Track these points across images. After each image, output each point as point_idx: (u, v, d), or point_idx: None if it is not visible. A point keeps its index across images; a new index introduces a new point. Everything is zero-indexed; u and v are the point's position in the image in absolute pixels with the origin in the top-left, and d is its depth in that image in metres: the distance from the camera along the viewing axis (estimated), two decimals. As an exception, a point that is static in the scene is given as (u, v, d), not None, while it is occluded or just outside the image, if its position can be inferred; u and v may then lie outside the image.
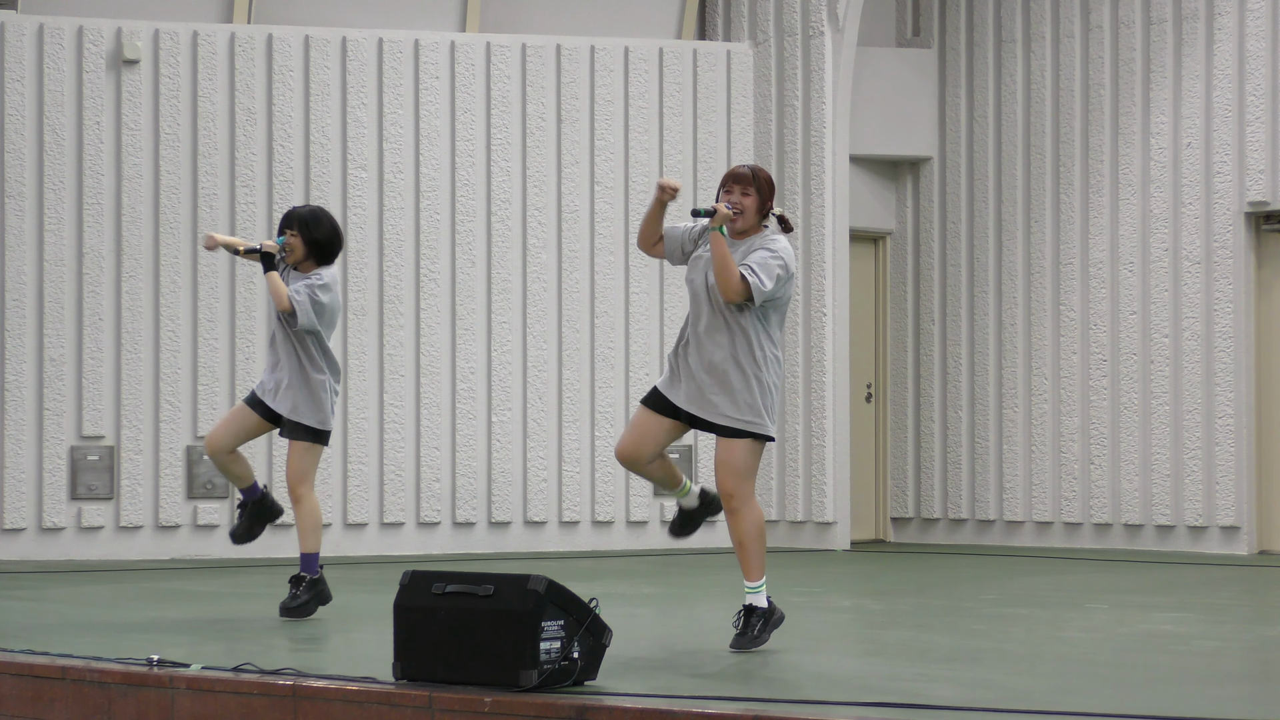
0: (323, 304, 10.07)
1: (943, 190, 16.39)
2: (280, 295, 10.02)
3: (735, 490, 8.58)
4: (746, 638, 8.53)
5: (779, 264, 8.51)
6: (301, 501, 10.06)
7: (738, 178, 8.66)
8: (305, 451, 10.09)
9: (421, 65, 15.18)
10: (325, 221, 10.25)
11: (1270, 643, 9.36)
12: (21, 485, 14.41)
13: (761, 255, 8.52)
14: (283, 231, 10.20)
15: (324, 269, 10.18)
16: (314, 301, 10.06)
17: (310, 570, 10.07)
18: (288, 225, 10.21)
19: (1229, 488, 14.88)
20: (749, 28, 15.92)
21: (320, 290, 10.08)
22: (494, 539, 15.19)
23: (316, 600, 10.07)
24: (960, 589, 12.37)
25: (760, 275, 8.46)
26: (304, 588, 10.04)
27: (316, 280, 10.11)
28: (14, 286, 14.44)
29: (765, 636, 8.54)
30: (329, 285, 10.12)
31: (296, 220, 10.21)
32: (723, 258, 8.48)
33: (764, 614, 8.56)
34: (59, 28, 14.56)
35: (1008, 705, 6.99)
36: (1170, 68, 15.25)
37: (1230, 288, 14.92)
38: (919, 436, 16.41)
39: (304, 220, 10.21)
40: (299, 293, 10.05)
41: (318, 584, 10.08)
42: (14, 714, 8.07)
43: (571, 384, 15.36)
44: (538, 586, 7.16)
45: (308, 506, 10.06)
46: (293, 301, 10.02)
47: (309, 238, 10.17)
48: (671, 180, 8.64)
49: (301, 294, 10.05)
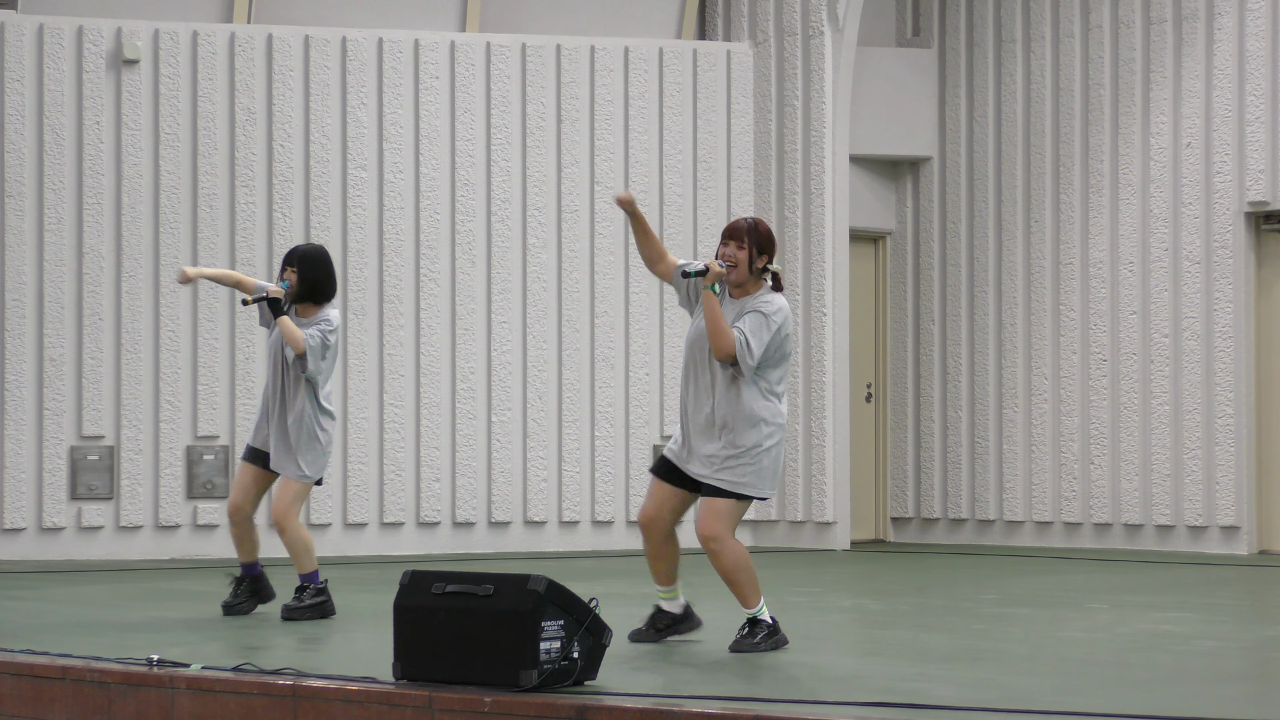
0: (330, 346, 10.08)
1: (943, 190, 16.39)
2: (296, 340, 9.98)
3: (711, 531, 8.62)
4: (748, 642, 8.57)
5: (770, 330, 8.53)
6: (285, 531, 10.08)
7: (733, 232, 8.69)
8: (296, 487, 10.11)
9: (421, 65, 15.18)
10: (322, 262, 10.22)
11: (1270, 643, 9.36)
12: (21, 485, 14.41)
13: (754, 320, 8.54)
14: (284, 271, 10.19)
15: (332, 312, 10.16)
16: (325, 347, 10.06)
17: (313, 583, 10.13)
18: (288, 264, 10.20)
19: (1229, 487, 14.87)
20: (749, 28, 15.92)
21: (330, 334, 10.09)
22: (494, 539, 15.19)
23: (319, 610, 10.07)
24: (960, 589, 12.37)
25: (750, 348, 8.48)
26: (308, 593, 10.08)
27: (327, 326, 10.10)
28: (14, 286, 14.44)
29: (765, 646, 8.59)
30: (337, 330, 10.13)
31: (296, 258, 10.20)
32: (714, 318, 8.52)
33: (769, 628, 8.61)
34: (59, 28, 14.56)
35: (1008, 705, 6.99)
36: (1170, 68, 15.25)
37: (1230, 287, 14.92)
38: (919, 436, 16.41)
39: (303, 257, 10.19)
40: (312, 338, 10.03)
41: (322, 592, 10.10)
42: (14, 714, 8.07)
43: (571, 384, 15.36)
44: (538, 586, 7.16)
45: (293, 534, 10.08)
46: (307, 345, 9.99)
47: (304, 275, 10.14)
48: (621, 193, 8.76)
49: (315, 339, 10.03)
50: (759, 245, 8.62)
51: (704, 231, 15.60)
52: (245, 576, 10.37)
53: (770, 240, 8.68)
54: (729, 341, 8.48)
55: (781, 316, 8.57)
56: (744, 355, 8.49)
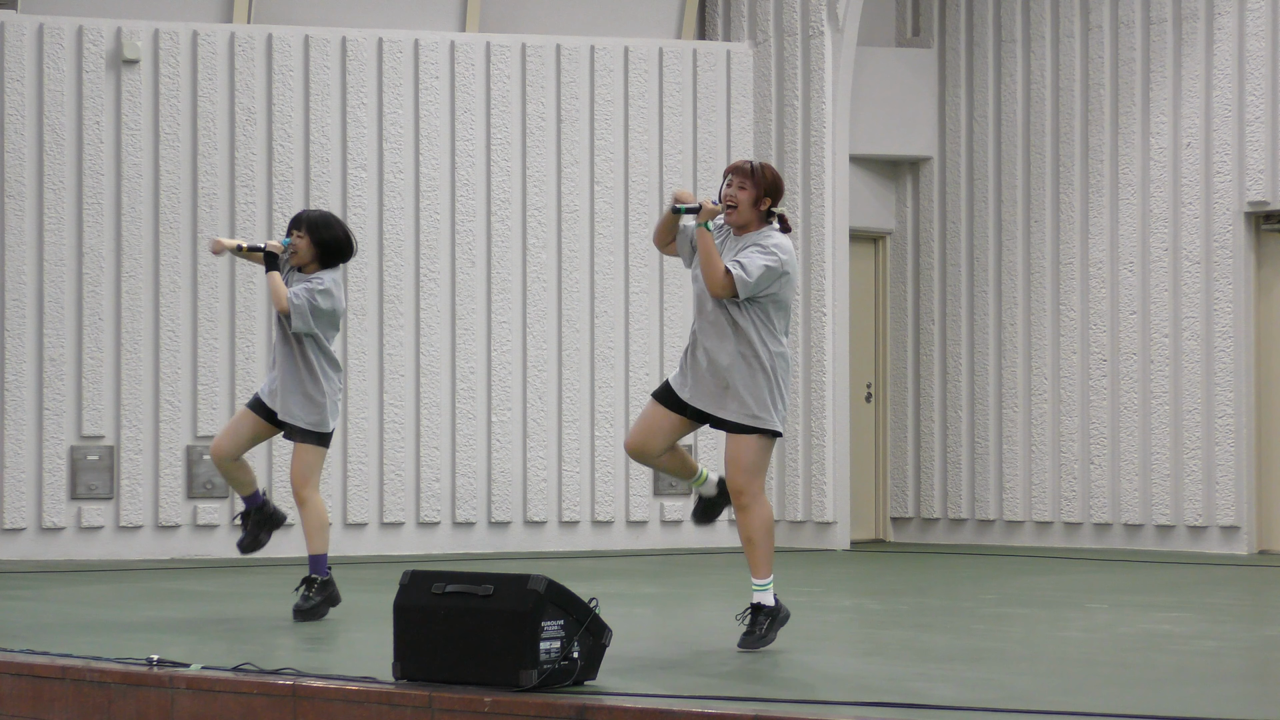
0: (320, 308, 10.03)
1: (943, 190, 16.39)
2: (279, 296, 10.00)
3: (745, 487, 8.56)
4: (754, 636, 8.54)
5: (770, 259, 8.43)
6: (305, 504, 10.03)
7: (738, 169, 8.60)
8: (306, 453, 10.06)
9: (421, 65, 15.18)
10: (336, 226, 10.20)
11: (1270, 643, 9.36)
12: (21, 485, 14.41)
13: (751, 252, 8.47)
14: (290, 233, 10.18)
15: (325, 272, 10.14)
16: (311, 305, 10.01)
17: (320, 571, 10.03)
18: (295, 226, 10.18)
19: (1229, 487, 14.87)
20: (749, 28, 15.92)
21: (320, 295, 10.03)
22: (494, 539, 15.19)
23: (327, 602, 10.04)
24: (960, 589, 12.37)
25: (745, 269, 8.40)
26: (315, 589, 10.02)
27: (317, 284, 10.05)
28: (14, 286, 14.44)
29: (773, 635, 8.55)
30: (329, 290, 10.06)
31: (305, 222, 10.17)
32: (707, 252, 8.45)
33: (770, 612, 8.57)
34: (59, 28, 14.56)
35: (1008, 705, 6.99)
36: (1170, 68, 15.25)
37: (1230, 287, 14.92)
38: (919, 436, 16.41)
39: (313, 222, 10.16)
40: (298, 295, 10.01)
41: (328, 585, 10.06)
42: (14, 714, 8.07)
43: (571, 384, 15.36)
44: (537, 586, 7.16)
45: (311, 508, 10.03)
46: (290, 303, 10.00)
47: (317, 239, 10.12)
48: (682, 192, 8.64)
49: (300, 297, 10.02)
50: (763, 188, 8.54)
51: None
52: (250, 509, 10.32)
53: (777, 184, 8.57)
54: (720, 272, 8.38)
55: (784, 253, 8.46)
56: (740, 274, 8.36)
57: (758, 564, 8.59)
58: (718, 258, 8.44)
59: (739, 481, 8.56)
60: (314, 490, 10.05)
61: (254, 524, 10.35)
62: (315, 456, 10.08)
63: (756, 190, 8.55)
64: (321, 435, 10.09)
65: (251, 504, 10.35)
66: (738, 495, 8.58)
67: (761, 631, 8.54)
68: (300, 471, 10.04)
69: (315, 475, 10.06)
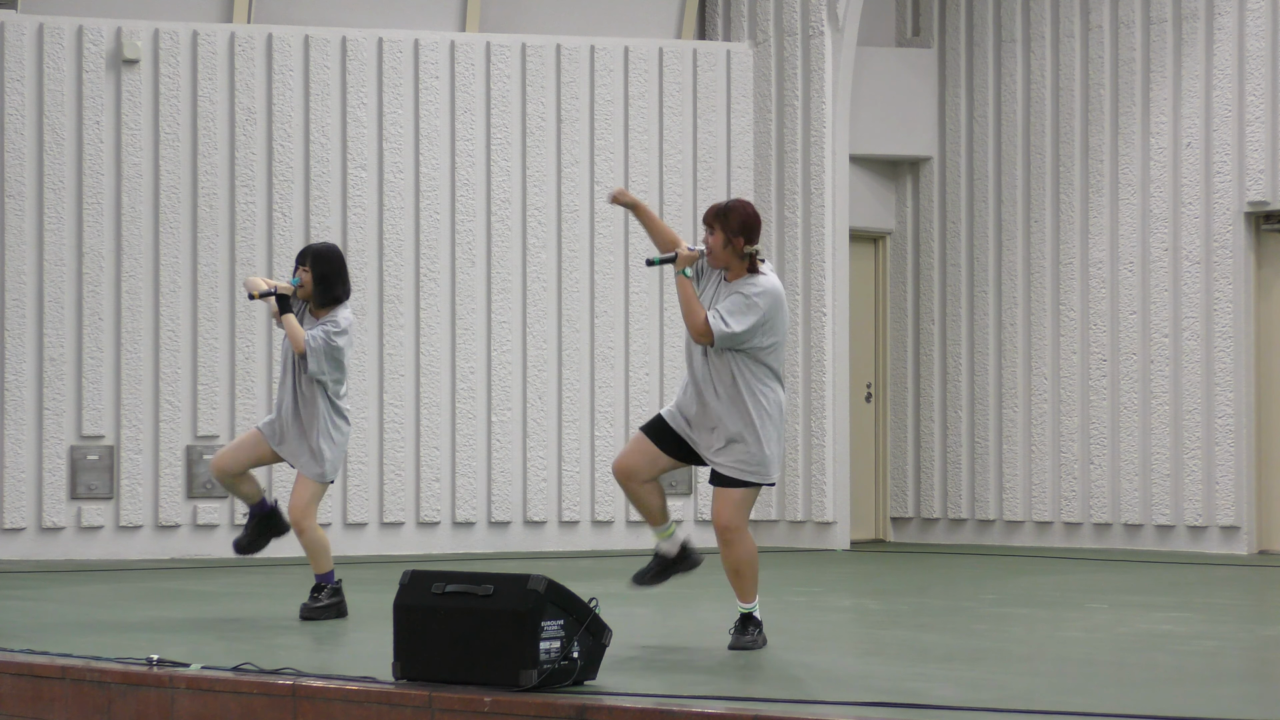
0: (337, 349, 10.00)
1: (942, 190, 16.39)
2: (296, 339, 9.93)
3: (730, 522, 8.60)
4: (746, 639, 8.62)
5: (750, 314, 8.44)
6: (304, 533, 10.02)
7: (709, 213, 8.64)
8: (309, 486, 10.05)
9: (421, 65, 15.18)
10: (334, 259, 10.17)
11: (1270, 643, 9.36)
12: (21, 485, 14.41)
13: (733, 302, 8.47)
14: (296, 270, 10.15)
15: (341, 313, 10.08)
16: (329, 347, 9.98)
17: (329, 583, 10.08)
18: (301, 261, 10.15)
19: (1229, 488, 14.87)
20: (749, 28, 15.92)
21: (336, 335, 10.01)
22: (494, 539, 15.19)
23: (336, 610, 10.00)
24: (960, 589, 12.37)
25: (725, 319, 8.42)
26: (325, 593, 10.02)
27: (333, 327, 10.01)
28: (14, 286, 14.44)
29: (761, 642, 8.65)
30: (346, 331, 10.04)
31: (310, 255, 10.16)
32: (685, 300, 8.51)
33: (759, 624, 8.72)
34: (59, 28, 14.56)
35: (1008, 705, 7.00)
36: (1170, 68, 15.25)
37: (1230, 287, 14.92)
38: (919, 436, 16.41)
39: (315, 255, 10.15)
40: (315, 339, 9.96)
41: (338, 592, 10.05)
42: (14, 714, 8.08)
43: (571, 384, 15.36)
44: (537, 586, 7.16)
45: (311, 537, 10.02)
46: (307, 345, 9.95)
47: (317, 273, 10.10)
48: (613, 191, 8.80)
49: (318, 340, 9.96)
50: (734, 228, 8.53)
51: (703, 231, 15.58)
52: (256, 514, 10.28)
53: (748, 224, 8.54)
54: (699, 321, 8.42)
55: (766, 299, 8.45)
56: (718, 325, 8.38)
57: (744, 591, 8.69)
58: (696, 304, 8.49)
59: (725, 517, 8.57)
60: (312, 521, 10.04)
61: (256, 526, 10.32)
62: (318, 489, 10.07)
63: (725, 233, 8.55)
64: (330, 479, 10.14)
65: (259, 510, 10.32)
66: (724, 531, 8.60)
67: (753, 635, 8.65)
68: (300, 504, 10.01)
69: (314, 507, 10.05)
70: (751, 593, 8.67)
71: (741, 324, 8.42)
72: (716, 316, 8.44)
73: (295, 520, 10.02)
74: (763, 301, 8.47)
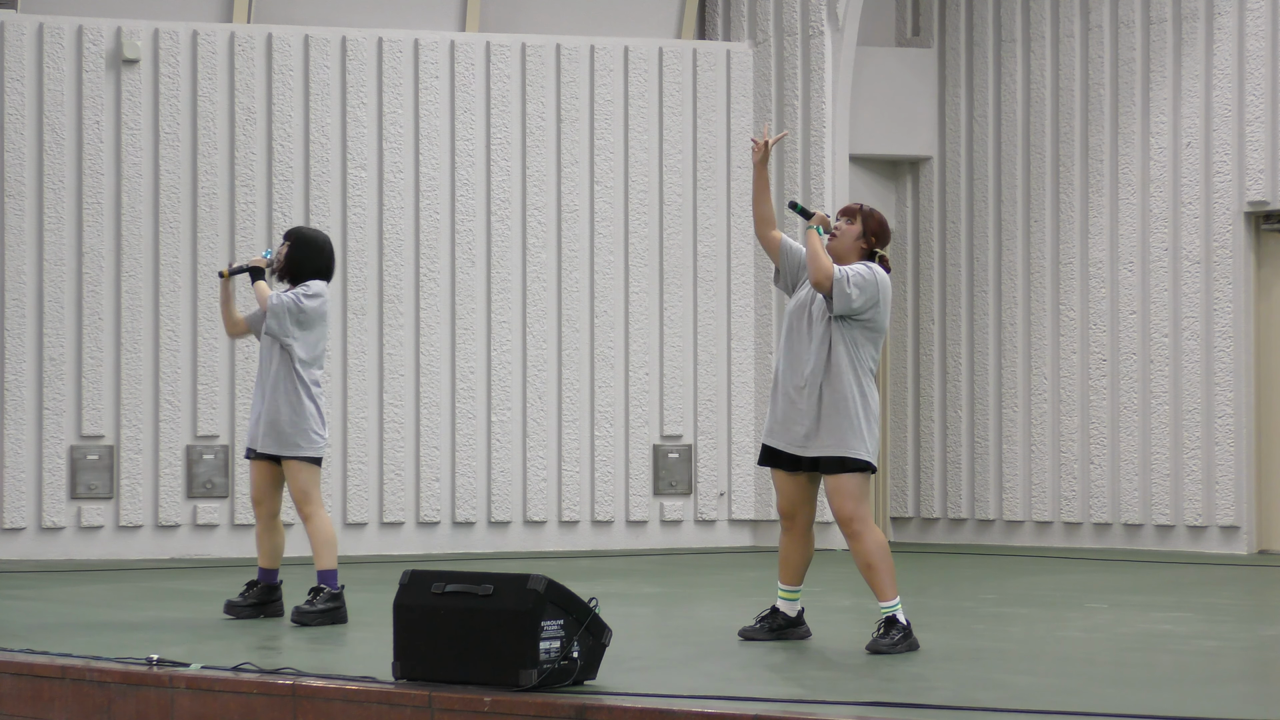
0: (305, 310, 9.93)
1: (942, 190, 16.39)
2: (262, 297, 10.00)
3: (853, 513, 8.62)
4: (885, 642, 8.52)
5: (867, 285, 8.63)
6: (310, 520, 9.91)
7: (846, 209, 8.91)
8: (298, 472, 9.95)
9: (421, 65, 15.18)
10: (315, 244, 10.16)
11: (1270, 643, 9.36)
12: (21, 485, 14.41)
13: (858, 269, 8.69)
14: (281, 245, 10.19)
15: (315, 283, 10.07)
16: (296, 308, 9.94)
17: (329, 585, 9.89)
18: (286, 238, 10.21)
19: (1229, 487, 14.87)
20: (749, 27, 15.92)
21: (307, 299, 9.98)
22: (494, 539, 15.19)
23: (331, 616, 9.80)
24: (960, 589, 12.37)
25: (852, 281, 8.61)
26: (321, 597, 9.84)
27: (304, 290, 10.00)
28: (14, 286, 14.44)
29: (902, 647, 8.52)
30: (318, 294, 10.01)
31: (295, 235, 10.20)
32: (814, 251, 8.66)
33: (904, 629, 8.58)
34: (59, 27, 14.56)
35: (1008, 705, 7.00)
36: (1170, 68, 15.25)
37: (1230, 287, 14.92)
38: (919, 436, 16.41)
39: (299, 236, 10.18)
40: (281, 298, 9.94)
41: (337, 598, 9.86)
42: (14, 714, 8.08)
43: (571, 384, 15.36)
44: (537, 586, 7.17)
45: (316, 524, 9.90)
46: (269, 303, 9.93)
47: (294, 254, 10.10)
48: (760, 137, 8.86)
49: (284, 299, 9.96)
50: (872, 228, 8.83)
51: (704, 231, 15.61)
52: (260, 581, 10.16)
53: (883, 229, 8.86)
54: (828, 268, 8.61)
55: (881, 285, 8.71)
56: (842, 286, 8.60)
57: (881, 587, 8.63)
58: (825, 256, 8.68)
59: (846, 509, 8.61)
60: (317, 505, 9.92)
61: (254, 598, 10.15)
62: (308, 473, 9.95)
63: (864, 228, 8.84)
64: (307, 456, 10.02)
65: (264, 579, 10.16)
66: (847, 523, 8.62)
67: (894, 640, 8.52)
68: (298, 489, 9.94)
69: (314, 491, 9.93)
70: (890, 588, 8.57)
71: (858, 288, 8.62)
72: (843, 273, 8.64)
73: (298, 507, 9.91)
74: (880, 281, 8.70)
